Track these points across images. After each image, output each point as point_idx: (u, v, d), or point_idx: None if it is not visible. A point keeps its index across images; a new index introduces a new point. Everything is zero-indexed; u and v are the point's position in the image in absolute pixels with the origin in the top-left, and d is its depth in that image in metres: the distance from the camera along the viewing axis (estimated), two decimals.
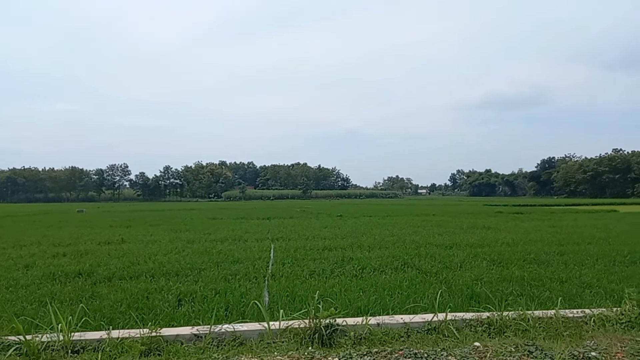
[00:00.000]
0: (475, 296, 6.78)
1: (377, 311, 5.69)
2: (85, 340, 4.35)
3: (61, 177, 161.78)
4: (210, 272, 8.86)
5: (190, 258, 10.70)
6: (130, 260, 10.45)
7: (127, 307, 6.16)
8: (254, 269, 9.27)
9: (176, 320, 5.57)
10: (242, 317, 5.43)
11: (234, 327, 4.59)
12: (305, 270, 8.97)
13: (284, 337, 4.40)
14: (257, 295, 6.81)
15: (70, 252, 12.01)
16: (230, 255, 11.16)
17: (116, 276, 8.60)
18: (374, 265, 9.51)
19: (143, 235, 16.68)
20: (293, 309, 5.76)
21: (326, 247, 12.53)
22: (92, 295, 7.03)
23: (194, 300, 6.63)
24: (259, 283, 7.89)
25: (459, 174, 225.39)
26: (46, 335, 4.34)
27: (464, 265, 9.64)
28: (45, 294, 7.05)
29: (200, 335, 4.45)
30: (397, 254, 11.06)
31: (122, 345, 4.20)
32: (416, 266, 9.52)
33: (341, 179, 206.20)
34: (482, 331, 4.68)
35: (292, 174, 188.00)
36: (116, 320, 5.53)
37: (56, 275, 8.67)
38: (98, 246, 13.47)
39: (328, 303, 5.49)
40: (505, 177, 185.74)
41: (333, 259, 10.44)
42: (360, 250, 12.10)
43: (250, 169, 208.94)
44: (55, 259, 10.79)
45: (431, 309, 5.51)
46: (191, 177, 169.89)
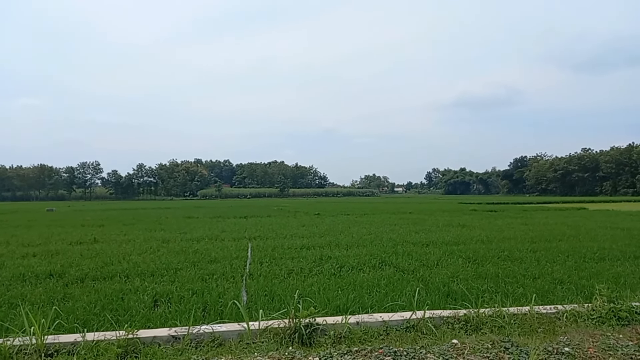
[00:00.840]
0: (452, 293, 6.89)
1: (356, 310, 5.72)
2: (59, 343, 4.22)
3: (29, 175, 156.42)
4: (187, 272, 8.74)
5: (166, 258, 10.52)
6: (104, 260, 10.20)
7: (101, 309, 6.02)
8: (231, 268, 9.19)
9: (153, 321, 5.47)
10: (220, 318, 5.37)
11: (212, 328, 4.54)
12: (284, 269, 8.94)
13: (264, 337, 4.37)
14: (235, 295, 6.74)
15: (40, 252, 11.65)
16: (207, 254, 11.03)
17: (89, 277, 8.38)
18: (352, 264, 9.55)
19: (116, 235, 16.30)
20: (272, 308, 5.74)
21: (304, 246, 12.51)
22: (64, 297, 6.83)
23: (170, 301, 6.52)
24: (236, 282, 7.82)
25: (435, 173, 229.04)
26: (18, 339, 4.21)
27: (441, 262, 9.78)
28: (15, 296, 6.83)
29: (178, 337, 4.38)
30: (375, 252, 11.14)
31: (98, 348, 4.10)
32: (394, 264, 9.60)
33: (318, 178, 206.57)
34: (460, 328, 4.76)
35: (269, 172, 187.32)
36: (90, 322, 5.39)
37: (26, 277, 8.40)
38: (70, 246, 13.10)
39: (307, 302, 5.48)
40: (479, 175, 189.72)
41: (311, 257, 10.43)
42: (338, 248, 12.13)
43: (227, 167, 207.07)
44: (25, 260, 10.45)
45: (409, 306, 5.57)
46: (166, 175, 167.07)
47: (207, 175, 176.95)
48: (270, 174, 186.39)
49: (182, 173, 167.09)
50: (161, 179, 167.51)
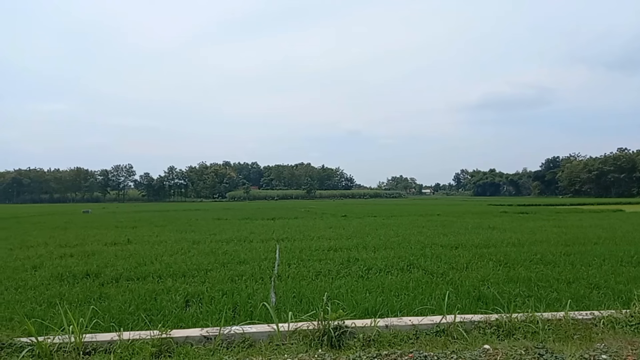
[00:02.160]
0: (483, 297, 6.77)
1: (384, 313, 5.70)
2: (97, 342, 4.37)
3: (66, 177, 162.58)
4: (217, 273, 8.90)
5: (197, 259, 10.74)
6: (137, 261, 10.50)
7: (135, 308, 6.20)
8: (260, 269, 9.30)
9: (185, 321, 5.60)
10: (250, 318, 5.44)
11: (243, 329, 4.61)
12: (311, 271, 8.99)
13: (293, 339, 4.41)
14: (264, 296, 6.83)
15: (77, 253, 12.09)
16: (236, 256, 11.20)
17: (124, 277, 8.65)
18: (379, 266, 9.51)
19: (149, 236, 16.76)
20: (300, 310, 5.78)
21: (331, 248, 12.54)
22: (100, 296, 7.07)
23: (201, 301, 6.66)
24: (265, 284, 7.91)
25: (463, 174, 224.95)
26: (58, 337, 4.36)
27: (470, 266, 9.63)
28: (54, 295, 7.10)
29: (209, 337, 4.47)
30: (403, 255, 11.06)
31: (133, 346, 4.22)
32: (422, 267, 9.51)
33: (345, 179, 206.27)
34: (491, 333, 4.68)
35: (295, 174, 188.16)
36: (125, 321, 5.56)
37: (64, 276, 8.73)
38: (105, 247, 13.54)
39: (335, 304, 5.50)
40: (509, 176, 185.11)
41: (339, 259, 10.45)
42: (366, 250, 12.09)
43: (254, 169, 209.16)
44: (63, 260, 10.86)
45: (439, 310, 5.52)
46: (195, 177, 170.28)
47: (236, 177, 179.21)
48: (297, 175, 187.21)
49: (211, 175, 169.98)
50: (191, 181, 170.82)
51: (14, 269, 9.56)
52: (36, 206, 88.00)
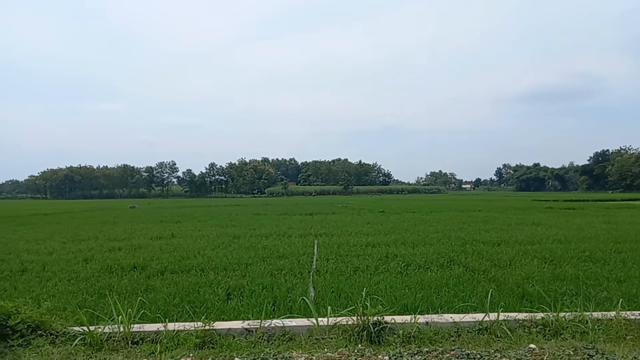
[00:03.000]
0: (527, 295, 6.56)
1: (424, 309, 5.62)
2: (144, 332, 4.55)
3: (114, 174, 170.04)
4: (257, 267, 9.05)
5: (237, 253, 10.96)
6: (181, 254, 10.84)
7: (180, 300, 6.40)
8: (298, 264, 9.39)
9: (226, 314, 5.73)
10: (289, 312, 5.51)
11: (283, 323, 4.68)
12: (350, 267, 8.98)
13: (333, 334, 4.43)
14: (303, 290, 6.89)
15: (125, 246, 12.61)
16: (275, 250, 11.35)
17: (168, 270, 8.95)
18: (418, 262, 9.40)
19: (192, 231, 17.25)
20: (339, 305, 5.79)
21: (369, 244, 12.49)
22: (147, 289, 7.34)
23: (242, 295, 6.79)
24: (304, 278, 7.98)
25: (506, 168, 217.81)
26: (108, 327, 4.57)
27: (514, 263, 9.34)
28: (104, 287, 7.44)
29: (251, 330, 4.57)
30: (443, 251, 10.88)
31: (178, 337, 4.37)
32: (463, 263, 9.32)
33: (382, 175, 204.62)
34: (537, 332, 4.52)
35: (333, 169, 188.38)
36: (170, 312, 5.75)
37: (113, 269, 9.12)
38: (150, 241, 14.05)
39: (374, 300, 5.49)
40: (555, 171, 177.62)
41: (377, 255, 10.40)
42: (404, 246, 11.97)
43: (292, 165, 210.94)
44: (112, 253, 11.36)
45: (481, 308, 5.40)
46: (235, 173, 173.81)
47: (274, 174, 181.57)
48: (334, 171, 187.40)
49: (250, 171, 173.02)
50: (231, 177, 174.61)
51: (67, 262, 10.07)
52: (87, 202, 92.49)
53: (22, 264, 9.76)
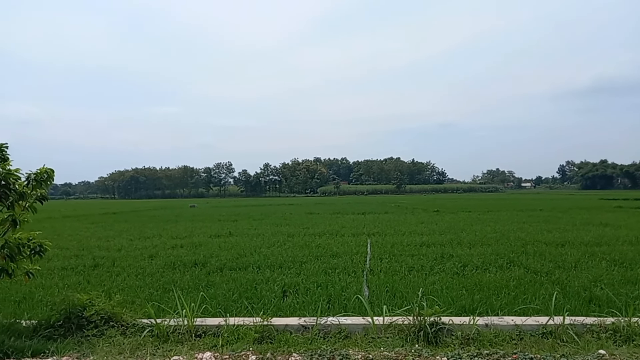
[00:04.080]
0: (595, 299, 6.20)
1: (483, 311, 5.46)
2: (206, 325, 4.77)
3: (175, 175, 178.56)
4: (311, 265, 9.18)
5: (292, 251, 11.16)
6: (238, 252, 11.19)
7: (238, 296, 6.63)
8: (352, 263, 9.42)
9: (283, 310, 5.87)
10: (344, 311, 5.55)
11: (339, 320, 4.73)
12: (404, 266, 8.90)
13: (389, 333, 4.43)
14: (357, 289, 6.91)
15: (186, 244, 13.19)
16: (329, 249, 11.44)
17: (227, 267, 9.27)
18: (476, 263, 9.14)
19: (248, 229, 17.76)
20: (394, 304, 5.76)
21: (424, 243, 12.29)
22: (207, 284, 7.65)
23: (297, 292, 6.92)
24: (357, 277, 7.99)
25: (569, 166, 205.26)
26: (173, 320, 4.83)
27: (579, 265, 8.85)
28: (168, 282, 7.84)
29: (307, 327, 4.66)
30: (502, 252, 10.51)
31: (238, 331, 4.54)
32: (524, 265, 8.95)
33: (436, 173, 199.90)
34: (607, 338, 4.27)
35: (385, 168, 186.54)
36: (230, 308, 5.97)
37: (176, 265, 9.58)
38: (209, 239, 14.61)
39: (430, 300, 5.41)
40: (624, 168, 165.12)
41: (432, 255, 10.22)
42: (461, 247, 11.67)
43: (344, 164, 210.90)
44: (174, 250, 11.93)
45: (544, 311, 5.18)
46: (288, 173, 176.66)
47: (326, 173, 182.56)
48: (386, 170, 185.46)
49: (303, 171, 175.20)
50: (284, 177, 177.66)
51: (134, 258, 10.70)
52: (150, 201, 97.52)
53: (94, 259, 10.47)
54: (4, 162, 4.84)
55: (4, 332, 4.58)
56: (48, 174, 5.08)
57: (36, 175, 4.99)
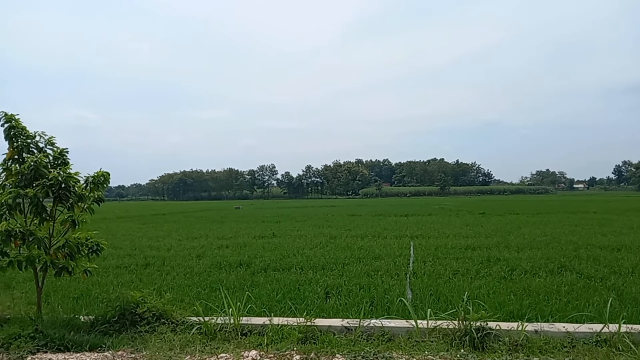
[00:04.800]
0: None
1: (532, 317, 5.28)
2: (252, 324, 4.89)
3: (221, 177, 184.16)
4: (353, 267, 9.17)
5: (334, 253, 11.20)
6: (282, 253, 11.35)
7: (282, 297, 6.72)
8: (394, 265, 9.34)
9: (325, 311, 5.90)
10: (387, 313, 5.51)
11: (382, 323, 4.72)
12: (448, 270, 8.73)
13: (433, 337, 4.37)
14: (400, 292, 6.85)
15: (231, 244, 13.53)
16: (371, 251, 11.40)
17: (271, 267, 9.43)
18: (524, 267, 8.83)
19: (291, 230, 17.99)
20: (438, 308, 5.67)
21: (469, 246, 12.01)
22: (252, 284, 7.81)
23: (340, 294, 6.93)
24: (400, 280, 7.92)
25: (626, 166, 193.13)
26: (220, 318, 4.97)
27: (638, 270, 8.37)
28: (215, 281, 8.06)
29: (350, 328, 4.68)
30: (552, 256, 10.10)
31: (282, 331, 4.62)
32: (576, 270, 8.56)
33: (482, 174, 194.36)
34: None
35: (428, 170, 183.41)
36: (274, 308, 6.07)
37: (222, 265, 9.85)
38: (253, 240, 14.92)
39: (476, 305, 5.29)
40: None
41: (477, 258, 9.98)
42: (508, 250, 11.32)
43: (386, 166, 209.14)
44: (220, 250, 12.26)
45: (599, 318, 4.94)
46: (330, 175, 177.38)
47: (368, 175, 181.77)
48: (429, 171, 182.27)
49: (344, 173, 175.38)
50: (326, 179, 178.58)
51: (183, 257, 11.08)
52: (198, 203, 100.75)
53: (145, 258, 10.93)
54: (65, 166, 5.19)
55: (65, 327, 4.86)
56: (104, 176, 5.40)
57: (93, 178, 5.31)
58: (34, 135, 5.18)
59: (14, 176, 4.96)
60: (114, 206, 67.43)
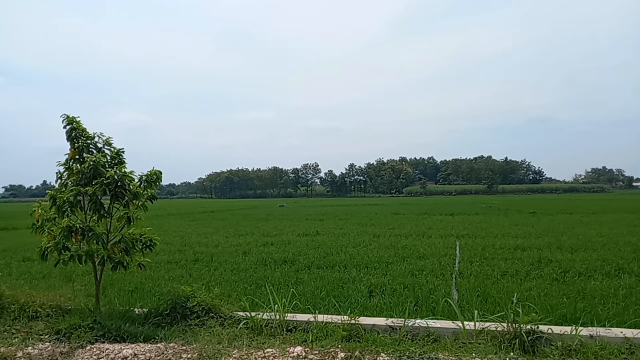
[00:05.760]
0: None
1: (587, 321, 5.05)
2: (297, 321, 4.97)
3: (265, 176, 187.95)
4: (397, 266, 9.10)
5: (377, 251, 11.15)
6: (325, 251, 11.44)
7: (326, 294, 6.78)
8: (440, 265, 9.19)
9: (369, 310, 5.89)
10: (432, 314, 5.44)
11: (427, 323, 4.66)
12: (496, 270, 8.49)
13: (480, 339, 4.27)
14: (446, 292, 6.73)
15: (276, 242, 13.77)
16: (415, 250, 11.26)
17: (314, 265, 9.53)
18: (578, 269, 8.45)
19: (334, 229, 18.07)
20: (486, 310, 5.53)
21: (518, 247, 11.62)
22: (296, 281, 7.92)
23: (383, 293, 6.90)
24: (446, 280, 7.79)
25: None
26: (266, 314, 5.09)
27: None
28: (260, 278, 8.24)
29: (394, 327, 4.65)
30: (609, 258, 9.60)
31: (327, 328, 4.66)
32: (635, 273, 8.11)
33: (532, 172, 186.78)
34: None
35: (475, 168, 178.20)
36: (318, 305, 6.12)
37: (267, 262, 10.04)
38: (297, 237, 15.11)
39: (526, 307, 5.12)
40: None
41: (528, 259, 9.65)
42: (560, 251, 10.85)
43: (431, 164, 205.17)
44: (265, 247, 12.50)
45: None
46: (373, 173, 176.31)
47: (412, 173, 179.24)
48: (476, 169, 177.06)
49: (388, 171, 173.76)
50: (369, 177, 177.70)
51: (230, 254, 11.38)
52: (243, 201, 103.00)
53: (194, 254, 11.31)
54: (121, 165, 5.46)
55: (121, 318, 5.13)
56: (157, 175, 5.64)
57: (147, 176, 5.56)
58: (93, 136, 5.48)
59: (75, 175, 5.27)
60: (165, 204, 70.14)
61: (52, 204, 5.11)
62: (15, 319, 5.37)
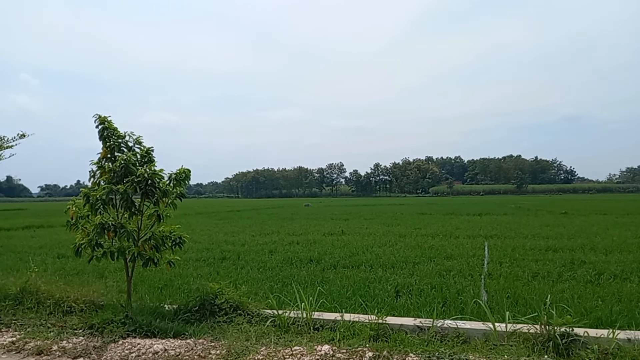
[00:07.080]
0: None
1: (624, 325, 4.87)
2: (323, 319, 4.96)
3: (291, 175, 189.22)
4: (424, 267, 9.00)
5: (404, 251, 11.05)
6: (350, 250, 11.41)
7: (352, 294, 6.76)
8: (468, 266, 9.04)
9: (396, 310, 5.84)
10: (460, 314, 5.34)
11: (456, 324, 4.58)
12: (527, 272, 8.29)
13: (512, 341, 4.17)
14: (475, 293, 6.61)
15: (302, 241, 13.83)
16: (442, 250, 11.12)
17: (340, 264, 9.51)
18: (613, 271, 8.17)
19: (359, 228, 18.02)
20: (517, 311, 5.40)
21: (550, 248, 11.33)
22: (322, 280, 7.93)
23: (410, 293, 6.83)
24: (474, 281, 7.65)
25: None
26: (293, 312, 5.10)
27: None
28: (287, 276, 8.28)
29: (423, 328, 4.59)
30: None
31: (354, 327, 4.63)
32: None
33: (563, 172, 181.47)
34: None
35: (503, 167, 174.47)
36: (344, 304, 6.10)
37: (293, 261, 10.09)
38: (323, 237, 15.13)
39: (559, 309, 4.97)
40: None
41: (559, 261, 9.39)
42: (594, 252, 10.51)
43: (457, 163, 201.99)
44: (291, 246, 12.56)
45: None
46: (399, 173, 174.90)
47: (438, 173, 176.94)
48: (505, 169, 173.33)
49: (414, 171, 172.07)
50: (395, 177, 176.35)
51: (256, 252, 11.49)
52: (269, 200, 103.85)
53: (222, 252, 11.47)
54: (151, 163, 5.57)
55: (151, 314, 5.24)
56: (186, 173, 5.73)
57: (176, 175, 5.66)
58: (124, 136, 5.61)
59: (107, 173, 5.41)
60: (193, 203, 71.46)
61: (86, 202, 5.24)
62: (51, 313, 5.55)
